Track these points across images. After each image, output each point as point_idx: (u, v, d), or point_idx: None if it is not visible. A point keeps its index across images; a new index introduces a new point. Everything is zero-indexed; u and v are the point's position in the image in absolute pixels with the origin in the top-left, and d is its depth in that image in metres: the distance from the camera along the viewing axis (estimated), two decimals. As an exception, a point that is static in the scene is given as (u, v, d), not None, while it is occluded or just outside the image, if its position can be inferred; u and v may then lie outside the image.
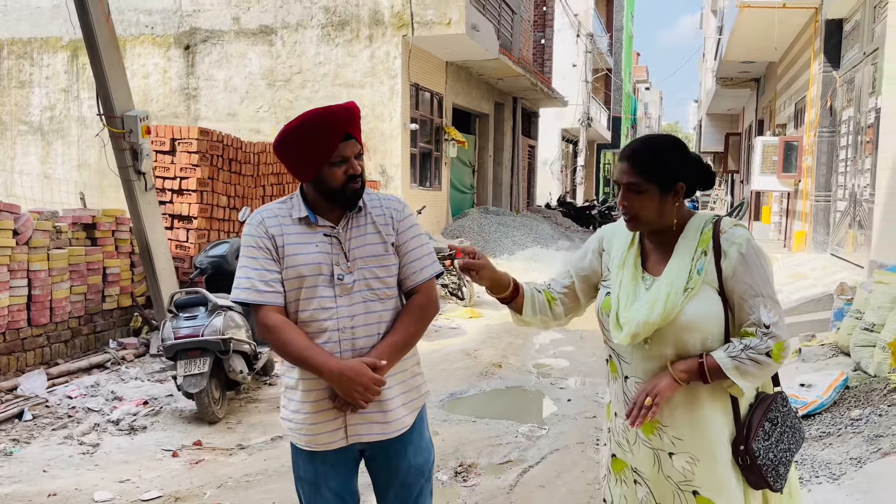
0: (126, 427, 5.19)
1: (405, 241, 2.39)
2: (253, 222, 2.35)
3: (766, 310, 2.01)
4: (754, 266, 2.03)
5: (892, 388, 4.96)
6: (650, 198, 2.08)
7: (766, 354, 1.99)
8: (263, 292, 2.27)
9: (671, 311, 2.02)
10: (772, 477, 2.06)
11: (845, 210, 10.26)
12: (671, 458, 2.11)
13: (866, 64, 9.40)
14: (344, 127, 2.24)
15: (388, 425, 2.34)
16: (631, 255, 2.18)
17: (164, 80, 14.13)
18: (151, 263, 6.50)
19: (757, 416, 2.07)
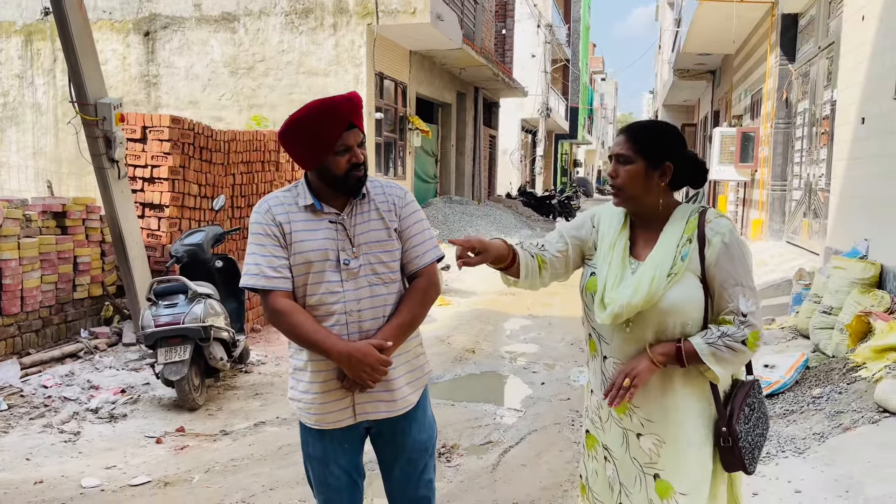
0: (106, 415, 5.18)
1: (408, 226, 2.47)
2: (260, 210, 2.41)
3: (745, 299, 2.07)
4: (736, 256, 2.09)
5: (850, 367, 5.21)
6: (637, 170, 2.14)
7: (742, 342, 2.05)
8: (272, 278, 2.34)
9: (654, 294, 2.07)
10: (748, 459, 2.13)
11: (800, 199, 10.62)
12: (639, 439, 2.17)
13: (821, 58, 9.73)
14: (347, 116, 2.30)
15: (394, 403, 2.43)
16: (622, 237, 2.22)
17: (124, 67, 13.87)
18: (124, 252, 6.45)
19: (738, 399, 2.14)
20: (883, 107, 6.18)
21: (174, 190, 7.06)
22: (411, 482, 2.54)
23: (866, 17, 6.80)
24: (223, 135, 7.91)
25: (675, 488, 2.12)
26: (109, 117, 6.15)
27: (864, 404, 4.66)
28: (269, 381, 6.12)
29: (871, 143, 6.49)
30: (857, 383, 4.94)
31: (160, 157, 7.00)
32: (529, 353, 7.37)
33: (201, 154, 7.45)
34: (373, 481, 3.22)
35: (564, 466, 4.45)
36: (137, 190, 7.00)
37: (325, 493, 2.50)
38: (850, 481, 3.80)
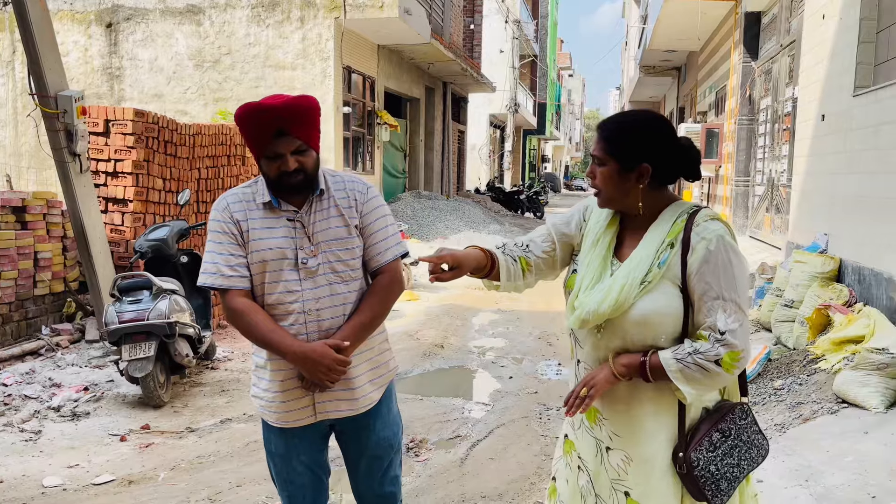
0: (68, 413, 5.09)
1: (369, 222, 2.42)
2: (219, 207, 2.38)
3: (725, 314, 1.85)
4: (721, 266, 1.87)
5: (810, 359, 5.32)
6: (610, 173, 1.97)
7: (716, 363, 1.83)
8: (229, 277, 2.31)
9: (623, 303, 1.91)
10: (710, 491, 1.92)
11: (763, 194, 10.81)
12: (608, 453, 2.03)
13: (783, 56, 9.90)
14: (276, 123, 2.22)
15: (355, 402, 2.42)
16: (607, 235, 2.06)
17: (85, 59, 13.62)
18: (87, 248, 6.34)
19: (706, 424, 1.94)
20: (842, 104, 6.31)
21: (138, 184, 6.96)
22: (377, 479, 2.54)
23: (826, 17, 6.93)
24: (188, 128, 7.80)
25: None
26: (70, 110, 6.03)
27: (824, 395, 4.77)
28: (236, 377, 6.07)
29: (830, 139, 6.63)
30: (816, 375, 5.05)
31: (124, 150, 6.89)
32: (498, 348, 7.40)
33: (166, 148, 7.34)
34: (342, 477, 3.21)
35: (532, 459, 4.48)
36: (100, 184, 6.88)
37: (289, 489, 2.49)
38: (810, 471, 3.89)
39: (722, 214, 12.84)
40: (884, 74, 5.73)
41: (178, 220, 6.55)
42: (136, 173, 6.92)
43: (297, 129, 2.25)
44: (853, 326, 5.01)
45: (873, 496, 3.53)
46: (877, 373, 4.52)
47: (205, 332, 6.03)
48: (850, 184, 6.02)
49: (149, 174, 7.07)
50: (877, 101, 5.52)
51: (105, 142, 6.89)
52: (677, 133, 2.02)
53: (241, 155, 8.84)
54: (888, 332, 4.71)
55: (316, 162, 2.34)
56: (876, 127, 5.49)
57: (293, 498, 2.49)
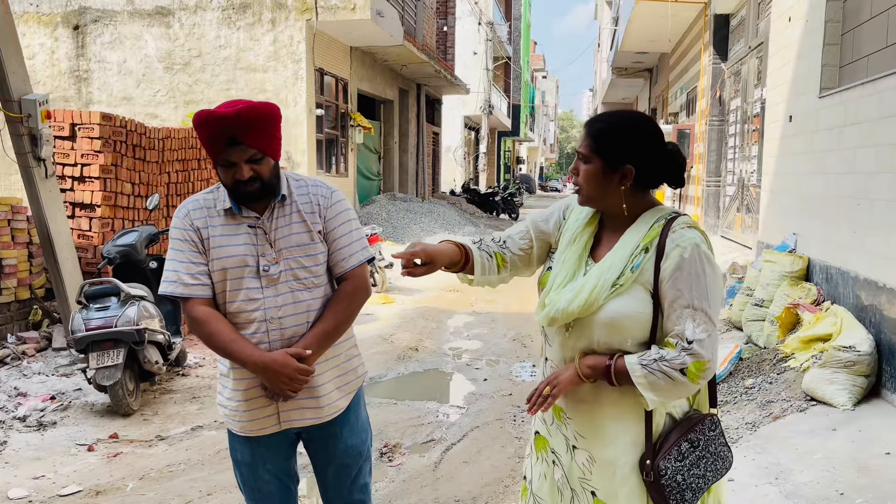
0: (34, 423, 4.99)
1: (333, 227, 2.39)
2: (179, 214, 2.35)
3: (694, 324, 1.83)
4: (693, 274, 1.85)
5: (780, 357, 5.38)
6: (593, 171, 1.94)
7: (681, 371, 1.82)
8: (190, 285, 2.28)
9: (592, 304, 1.90)
10: (674, 500, 1.92)
11: (734, 195, 10.93)
12: (574, 451, 2.04)
13: (751, 57, 10.02)
14: (229, 132, 2.19)
15: (320, 410, 2.38)
16: (584, 235, 2.04)
17: (52, 62, 13.41)
18: (53, 254, 6.23)
19: (676, 433, 1.92)
20: (809, 105, 6.39)
21: (106, 189, 6.85)
22: (345, 487, 2.51)
23: (792, 19, 7.02)
24: (157, 132, 7.71)
25: None
26: (35, 114, 5.93)
27: (793, 393, 4.82)
28: (208, 384, 6.00)
29: (798, 140, 6.71)
30: (786, 373, 5.11)
31: (90, 155, 6.78)
32: (473, 350, 7.39)
33: (134, 152, 7.24)
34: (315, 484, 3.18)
35: (506, 462, 4.48)
36: (67, 189, 6.77)
37: (256, 498, 2.46)
38: (779, 468, 3.93)
39: (694, 216, 12.98)
40: (848, 76, 5.81)
41: (148, 225, 6.46)
42: (103, 178, 6.81)
43: (250, 137, 2.21)
44: (821, 325, 5.07)
45: (841, 493, 3.58)
46: (844, 370, 4.58)
47: (175, 338, 5.95)
48: (817, 184, 6.10)
49: (117, 178, 6.97)
50: (842, 103, 5.60)
51: (71, 146, 6.78)
52: (664, 136, 2.00)
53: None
54: (854, 330, 4.78)
55: (273, 169, 2.31)
56: (841, 128, 5.57)
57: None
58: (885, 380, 4.61)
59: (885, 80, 4.84)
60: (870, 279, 4.93)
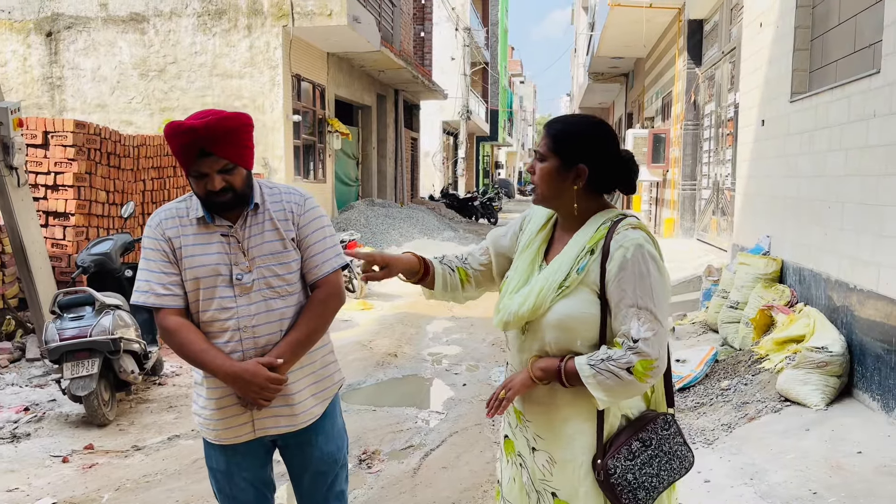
0: (7, 435, 4.92)
1: (306, 234, 2.39)
2: (151, 224, 2.35)
3: (639, 322, 1.86)
4: (636, 274, 1.88)
5: (755, 359, 5.45)
6: (548, 169, 1.99)
7: (628, 370, 1.84)
8: (161, 296, 2.28)
9: (539, 306, 1.94)
10: (627, 499, 1.93)
11: (709, 198, 11.04)
12: (534, 454, 2.06)
13: (725, 62, 10.14)
14: (199, 144, 2.18)
15: (294, 417, 2.38)
16: (537, 240, 2.10)
17: (24, 69, 13.25)
18: (26, 263, 6.16)
19: (626, 433, 1.95)
20: (780, 110, 6.49)
21: (80, 197, 6.79)
22: (320, 494, 2.51)
23: (763, 24, 7.12)
24: (132, 140, 7.66)
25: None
26: (6, 122, 5.86)
27: (768, 394, 4.88)
28: (185, 392, 5.95)
29: (770, 144, 6.80)
30: (761, 374, 5.17)
31: (64, 163, 6.72)
32: (452, 355, 7.40)
33: (109, 160, 7.19)
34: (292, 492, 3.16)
35: (485, 467, 4.49)
36: (40, 198, 6.71)
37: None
38: (755, 469, 3.98)
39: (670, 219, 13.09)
40: (818, 81, 5.91)
41: (123, 234, 6.41)
42: (77, 186, 6.75)
43: (220, 148, 2.21)
44: (794, 326, 5.14)
45: (814, 492, 3.62)
46: (817, 371, 4.65)
47: (151, 347, 5.90)
48: (789, 187, 6.19)
49: (91, 187, 6.91)
50: (812, 107, 5.69)
51: (44, 154, 6.72)
52: (620, 144, 2.06)
53: (187, 166, 8.70)
54: (827, 331, 4.85)
55: (245, 179, 2.30)
56: (812, 132, 5.66)
57: None
58: (856, 380, 4.68)
59: (852, 85, 4.92)
60: (841, 280, 5.01)
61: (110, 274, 5.97)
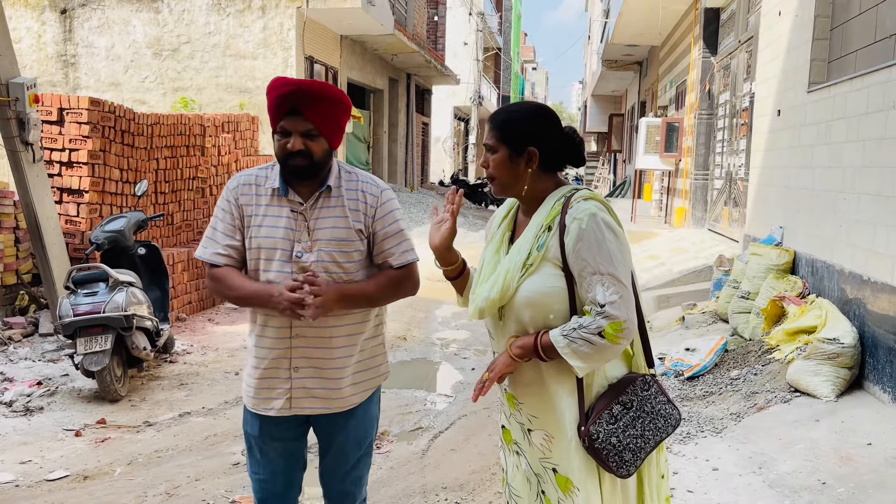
0: (21, 408, 4.98)
1: (383, 227, 2.39)
2: (230, 186, 2.41)
3: (604, 288, 1.92)
4: (593, 242, 1.94)
5: (765, 349, 5.44)
6: (501, 159, 2.07)
7: (599, 335, 1.91)
8: (218, 254, 2.37)
9: (507, 287, 2.01)
10: (614, 462, 1.98)
11: (721, 188, 10.99)
12: (531, 434, 2.11)
13: (741, 51, 10.06)
14: (292, 100, 2.23)
15: (331, 401, 2.39)
16: (500, 230, 2.18)
17: (39, 46, 13.26)
18: (40, 239, 6.19)
19: (605, 398, 2.01)
20: (797, 100, 6.44)
21: (94, 174, 6.81)
22: (339, 474, 2.52)
23: (783, 13, 7.06)
24: (146, 118, 7.66)
25: (573, 481, 2.04)
26: (22, 98, 5.88)
27: (778, 384, 4.88)
28: (195, 370, 5.99)
29: (785, 134, 6.76)
30: (771, 365, 5.17)
31: (79, 140, 6.74)
32: (460, 340, 7.42)
33: (123, 138, 7.20)
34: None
35: (493, 450, 4.51)
36: (54, 174, 6.72)
37: (261, 474, 2.47)
38: (763, 458, 3.98)
39: (681, 208, 13.03)
40: (837, 71, 5.86)
41: (136, 212, 6.44)
42: (91, 163, 6.77)
43: (310, 111, 2.25)
44: (806, 317, 5.13)
45: (823, 482, 3.63)
46: (828, 362, 4.64)
47: (163, 324, 5.94)
48: (804, 178, 6.15)
49: (105, 164, 6.93)
50: (830, 98, 5.64)
51: (59, 131, 6.73)
52: (561, 122, 2.14)
53: (199, 145, 8.71)
54: (839, 322, 4.84)
55: (325, 153, 2.32)
56: (829, 123, 5.62)
57: (263, 483, 2.47)
58: (867, 372, 4.67)
59: (873, 76, 4.88)
60: (855, 272, 4.98)
61: (124, 251, 6.00)
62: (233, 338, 7.07)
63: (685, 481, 3.74)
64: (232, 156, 9.65)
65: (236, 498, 3.77)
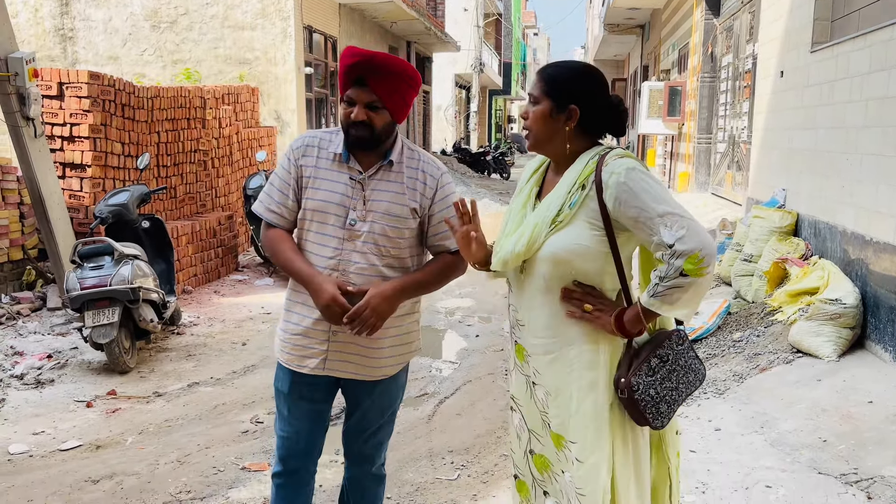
0: (32, 381, 5.04)
1: (441, 209, 2.42)
2: (293, 145, 2.45)
3: (667, 228, 1.88)
4: (640, 190, 1.91)
5: (768, 311, 5.47)
6: (542, 112, 2.06)
7: (682, 275, 1.86)
8: (272, 212, 2.43)
9: (534, 242, 2.01)
10: (651, 414, 2.00)
11: (725, 151, 10.94)
12: (534, 388, 2.12)
13: (744, 12, 9.95)
14: (359, 69, 2.27)
15: (364, 368, 2.42)
16: (529, 184, 2.17)
17: (36, 20, 13.17)
18: (45, 214, 6.22)
19: (645, 351, 2.01)
20: (800, 60, 6.39)
21: (96, 149, 6.81)
22: (361, 437, 2.55)
23: (786, -28, 6.97)
24: (146, 91, 7.64)
25: (566, 437, 2.05)
26: (22, 73, 5.86)
27: (780, 346, 4.92)
28: (203, 342, 6.05)
29: (788, 95, 6.72)
30: (773, 326, 5.20)
31: (79, 114, 6.72)
32: (465, 308, 7.47)
33: (123, 111, 7.19)
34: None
35: (498, 414, 4.57)
36: (56, 149, 6.72)
37: (286, 430, 2.51)
38: (765, 418, 4.03)
39: (685, 173, 12.98)
40: (840, 30, 5.80)
41: (139, 185, 6.45)
42: (93, 137, 6.77)
43: (376, 82, 2.28)
44: (808, 279, 5.15)
45: (824, 440, 3.68)
46: (830, 323, 4.67)
47: (169, 297, 5.99)
48: (807, 139, 6.13)
49: (107, 138, 6.93)
50: (833, 57, 5.60)
51: (60, 105, 6.72)
52: (609, 90, 2.11)
53: (200, 118, 8.69)
54: (841, 283, 4.86)
55: (388, 126, 2.34)
56: (832, 83, 5.58)
57: (287, 440, 2.51)
58: (869, 332, 4.70)
59: (876, 34, 4.84)
60: (857, 233, 4.99)
61: (128, 225, 6.03)
62: (239, 309, 7.12)
63: (688, 442, 3.79)
64: (233, 128, 9.63)
65: (246, 464, 3.83)
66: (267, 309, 7.10)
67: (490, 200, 16.30)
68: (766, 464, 3.54)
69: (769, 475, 3.43)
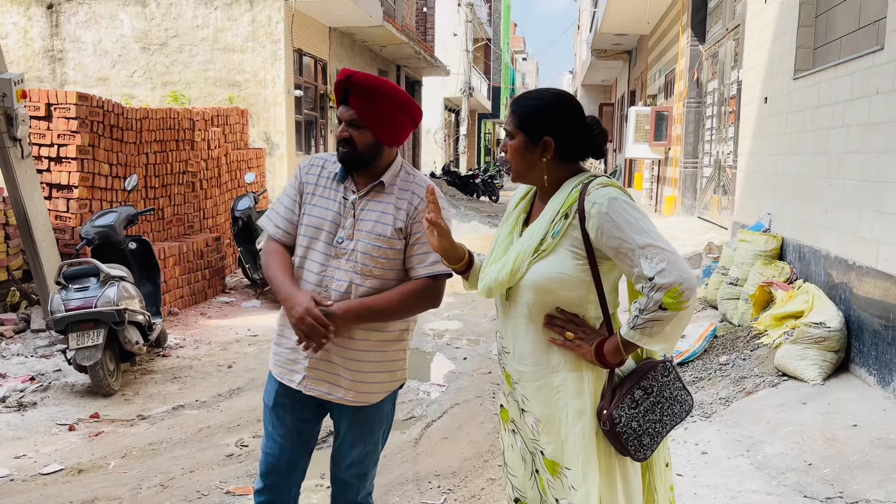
0: (14, 404, 4.98)
1: (420, 230, 2.36)
2: (303, 164, 2.52)
3: (647, 260, 1.87)
4: (621, 221, 1.90)
5: (753, 334, 5.49)
6: (517, 146, 2.06)
7: (661, 308, 1.85)
8: (276, 227, 2.48)
9: (517, 270, 2.01)
10: (633, 446, 1.98)
11: (711, 176, 11.05)
12: (524, 415, 2.12)
13: (729, 39, 10.10)
14: (343, 88, 2.33)
15: (340, 390, 2.39)
16: (515, 212, 2.17)
17: (25, 42, 13.19)
18: (30, 235, 6.19)
19: (628, 383, 2.00)
20: (783, 87, 6.48)
21: (83, 170, 6.80)
22: (341, 464, 2.52)
23: (768, 1, 7.09)
24: (135, 112, 7.65)
25: (561, 463, 2.04)
26: (10, 93, 5.86)
27: (766, 369, 4.94)
28: (188, 364, 6.01)
29: (772, 121, 6.80)
30: (759, 349, 5.22)
31: (67, 135, 6.72)
32: (453, 330, 7.46)
33: (112, 132, 7.19)
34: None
35: (485, 437, 4.55)
36: (43, 170, 6.71)
37: (269, 445, 2.50)
38: (751, 441, 4.04)
39: (671, 196, 13.08)
40: (822, 57, 5.90)
41: (126, 206, 6.44)
42: (80, 158, 6.76)
43: (356, 102, 2.32)
44: (793, 302, 5.18)
45: (809, 463, 3.69)
46: (814, 346, 4.70)
47: (155, 319, 5.96)
48: (791, 165, 6.20)
49: (94, 159, 6.92)
50: (815, 84, 5.68)
51: (47, 126, 6.71)
52: (583, 112, 2.11)
53: (189, 139, 8.70)
54: (825, 307, 4.89)
55: (370, 146, 2.34)
56: (814, 109, 5.66)
57: (269, 456, 2.50)
58: (853, 355, 4.73)
59: (856, 62, 4.92)
60: (840, 257, 5.04)
61: (114, 246, 6.00)
62: (225, 331, 7.08)
63: (675, 465, 3.76)
64: (222, 150, 9.64)
65: (231, 488, 3.80)
66: (254, 331, 7.07)
67: (479, 223, 16.36)
68: (752, 487, 3.54)
69: (755, 498, 3.43)
